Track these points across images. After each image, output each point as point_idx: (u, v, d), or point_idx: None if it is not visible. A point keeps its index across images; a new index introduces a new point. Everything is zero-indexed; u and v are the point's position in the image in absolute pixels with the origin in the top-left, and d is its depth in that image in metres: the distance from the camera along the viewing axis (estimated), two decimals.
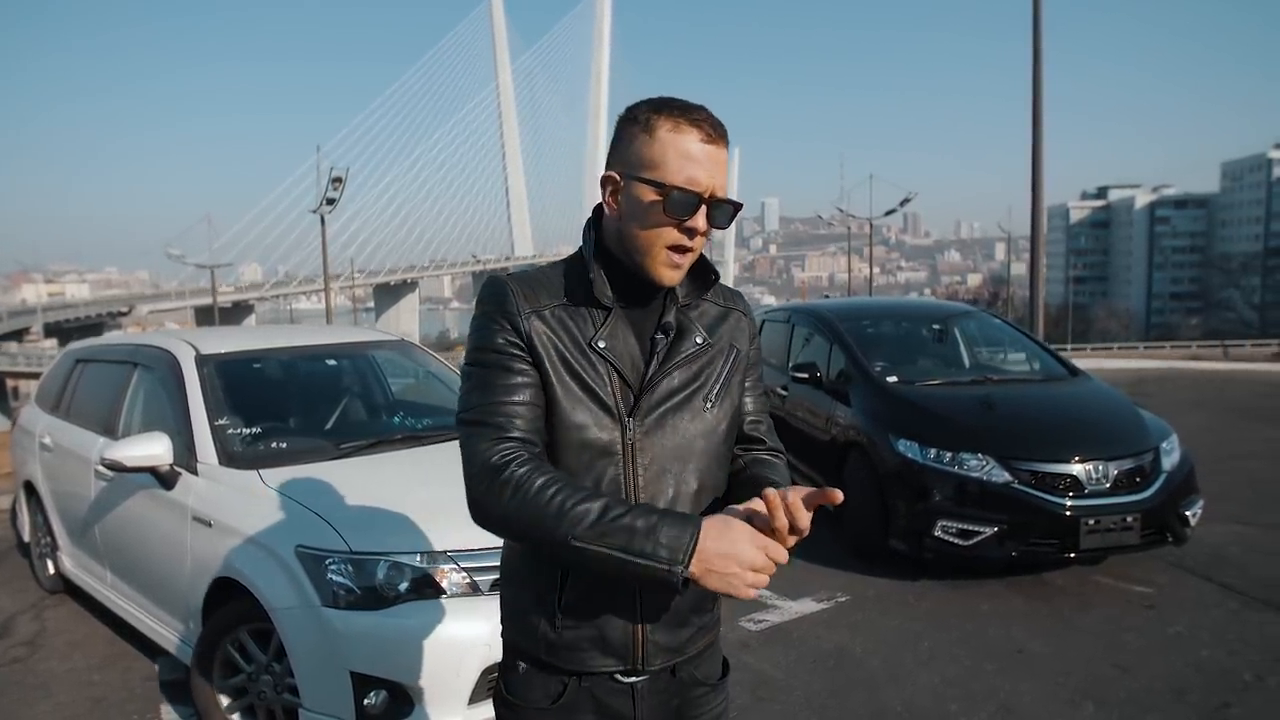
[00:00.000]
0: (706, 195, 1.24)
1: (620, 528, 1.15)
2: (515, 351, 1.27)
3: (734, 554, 1.15)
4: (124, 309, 75.80)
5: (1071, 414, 5.04)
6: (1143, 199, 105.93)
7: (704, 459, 1.34)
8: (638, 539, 1.14)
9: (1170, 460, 4.64)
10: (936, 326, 6.31)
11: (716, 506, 1.32)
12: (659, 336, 1.32)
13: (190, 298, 73.52)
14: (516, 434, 1.24)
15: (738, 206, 1.28)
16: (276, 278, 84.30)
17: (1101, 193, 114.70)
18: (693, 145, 1.23)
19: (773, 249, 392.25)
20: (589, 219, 1.38)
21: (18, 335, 68.88)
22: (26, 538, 5.05)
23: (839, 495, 1.16)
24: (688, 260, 1.29)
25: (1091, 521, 4.28)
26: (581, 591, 1.31)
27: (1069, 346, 43.96)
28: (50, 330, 66.63)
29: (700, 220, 1.24)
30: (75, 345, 5.26)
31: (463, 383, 1.32)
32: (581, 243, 1.36)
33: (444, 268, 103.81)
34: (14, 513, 5.41)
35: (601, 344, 1.29)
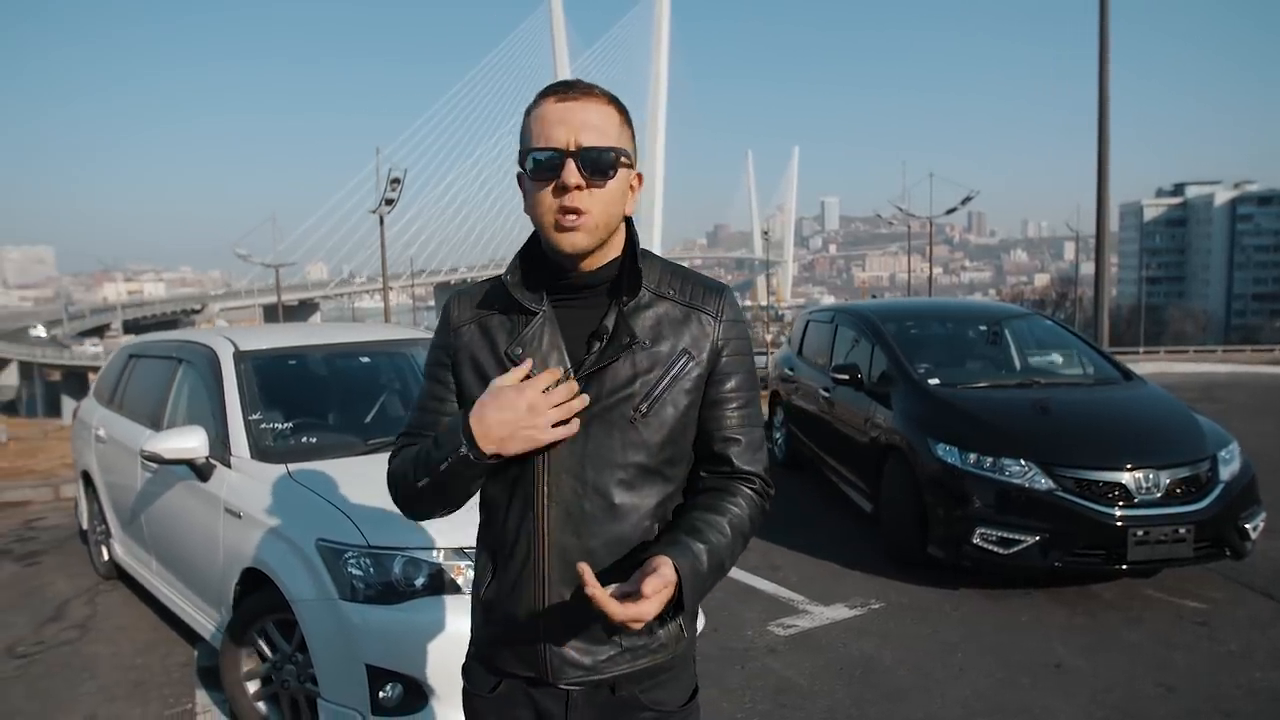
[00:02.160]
0: (567, 148, 1.19)
1: (425, 453, 1.27)
2: (439, 368, 1.36)
3: (512, 413, 1.20)
4: (197, 307, 78.81)
5: (1122, 419, 4.83)
6: (1223, 195, 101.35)
7: (629, 473, 1.26)
8: (434, 451, 1.26)
9: (1229, 469, 4.41)
10: (986, 328, 6.13)
11: (645, 527, 1.27)
12: (593, 341, 1.26)
13: (259, 296, 75.97)
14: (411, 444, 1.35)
15: (614, 151, 1.21)
16: (341, 276, 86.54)
17: (1178, 190, 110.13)
18: (545, 109, 1.22)
19: (832, 248, 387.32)
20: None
21: (99, 331, 72.25)
22: (85, 525, 5.27)
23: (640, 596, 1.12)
24: (583, 221, 1.21)
25: (1141, 532, 4.10)
26: (494, 592, 1.31)
27: (1140, 349, 42.34)
28: (129, 327, 69.64)
29: (570, 174, 1.19)
30: (130, 341, 5.46)
31: None
32: None
33: (503, 266, 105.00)
34: (77, 501, 5.66)
35: (518, 350, 1.27)
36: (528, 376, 1.24)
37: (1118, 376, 5.44)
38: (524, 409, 1.20)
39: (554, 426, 1.22)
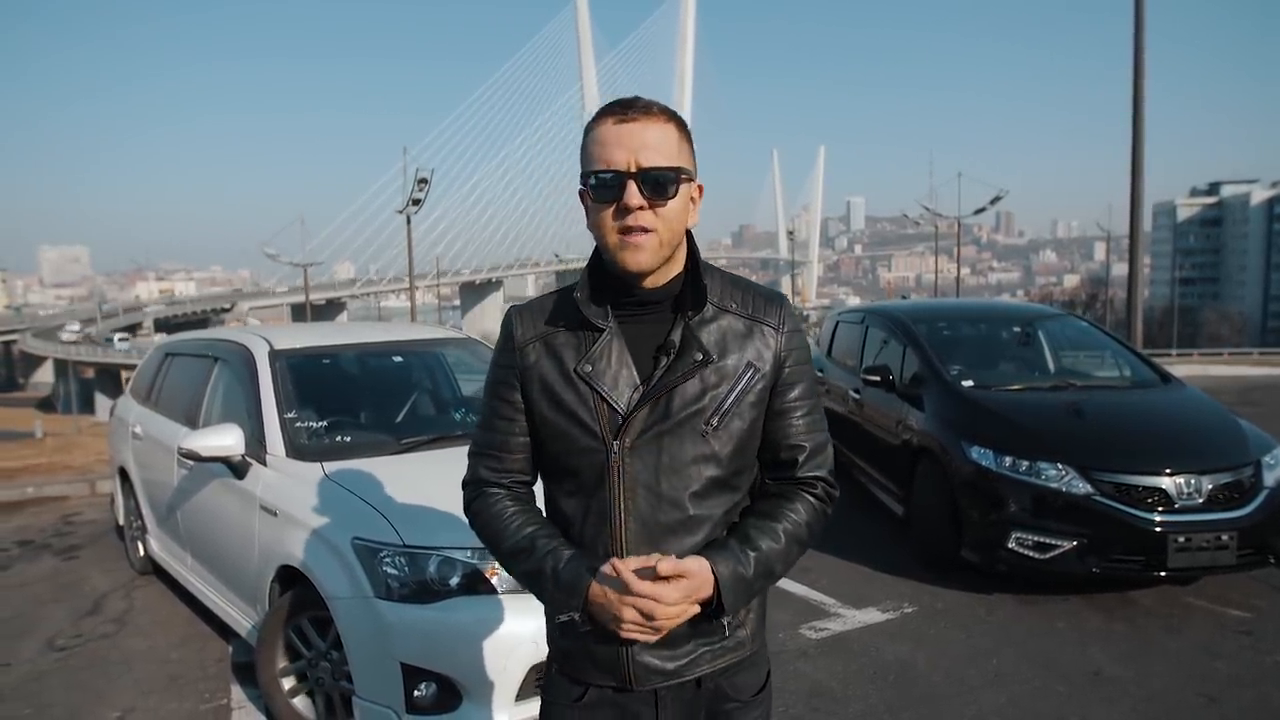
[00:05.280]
0: (628, 170, 1.21)
1: (535, 571, 1.29)
2: (506, 387, 1.36)
3: (606, 606, 1.23)
4: (227, 306, 79.98)
5: (1161, 423, 4.74)
6: (1260, 194, 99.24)
7: (701, 485, 1.28)
8: (546, 584, 1.28)
9: (1273, 475, 4.31)
10: (1019, 329, 6.04)
11: (718, 536, 1.30)
12: (660, 356, 1.28)
13: (288, 295, 76.92)
14: (491, 473, 1.38)
15: (675, 171, 1.23)
16: (368, 276, 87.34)
17: (1213, 189, 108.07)
18: (604, 131, 1.24)
19: (858, 249, 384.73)
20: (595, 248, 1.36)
21: (132, 330, 73.51)
22: (121, 521, 5.35)
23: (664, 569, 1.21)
24: (646, 240, 1.23)
25: (1181, 539, 4.01)
26: None
27: (1173, 351, 41.57)
28: (160, 325, 70.85)
29: (631, 196, 1.21)
30: (166, 339, 5.54)
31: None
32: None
33: (528, 267, 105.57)
34: (113, 497, 5.75)
35: (587, 368, 1.28)
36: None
37: (1156, 379, 5.34)
38: (614, 615, 1.23)
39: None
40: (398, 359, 4.50)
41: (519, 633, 2.68)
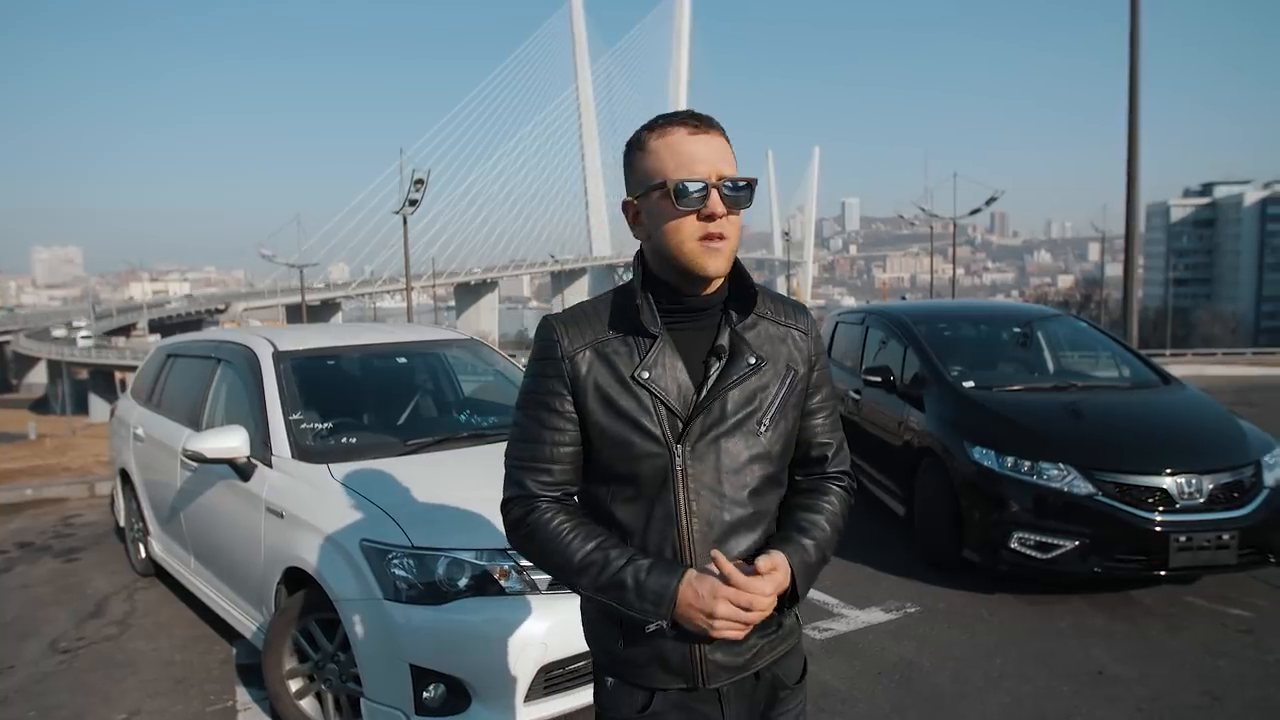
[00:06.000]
0: (712, 179, 1.26)
1: (614, 583, 1.28)
2: (555, 397, 1.34)
3: (699, 606, 1.24)
4: (221, 306, 79.78)
5: (1162, 423, 4.76)
6: (1253, 195, 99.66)
7: (758, 482, 1.35)
8: (629, 595, 1.27)
9: (1274, 475, 4.33)
10: (1019, 330, 6.06)
11: (771, 530, 1.38)
12: (711, 360, 1.33)
13: (282, 296, 76.74)
14: (540, 485, 1.35)
15: (751, 182, 1.29)
16: (363, 277, 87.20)
17: (1206, 189, 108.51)
18: (681, 140, 1.28)
19: (853, 249, 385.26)
20: (636, 253, 1.40)
21: (126, 330, 73.27)
22: (122, 523, 5.34)
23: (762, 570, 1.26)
24: (725, 246, 1.28)
25: (1183, 538, 4.04)
26: None
27: (1167, 352, 41.75)
28: (154, 326, 70.61)
29: (716, 204, 1.26)
30: (167, 340, 5.53)
31: (511, 427, 1.41)
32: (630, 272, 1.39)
33: (523, 267, 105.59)
34: (113, 499, 5.73)
35: (645, 374, 1.31)
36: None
37: (1156, 380, 5.36)
38: (707, 611, 1.25)
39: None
40: (401, 360, 4.50)
41: (528, 634, 2.69)
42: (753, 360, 1.33)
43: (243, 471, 3.49)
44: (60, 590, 4.90)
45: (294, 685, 3.12)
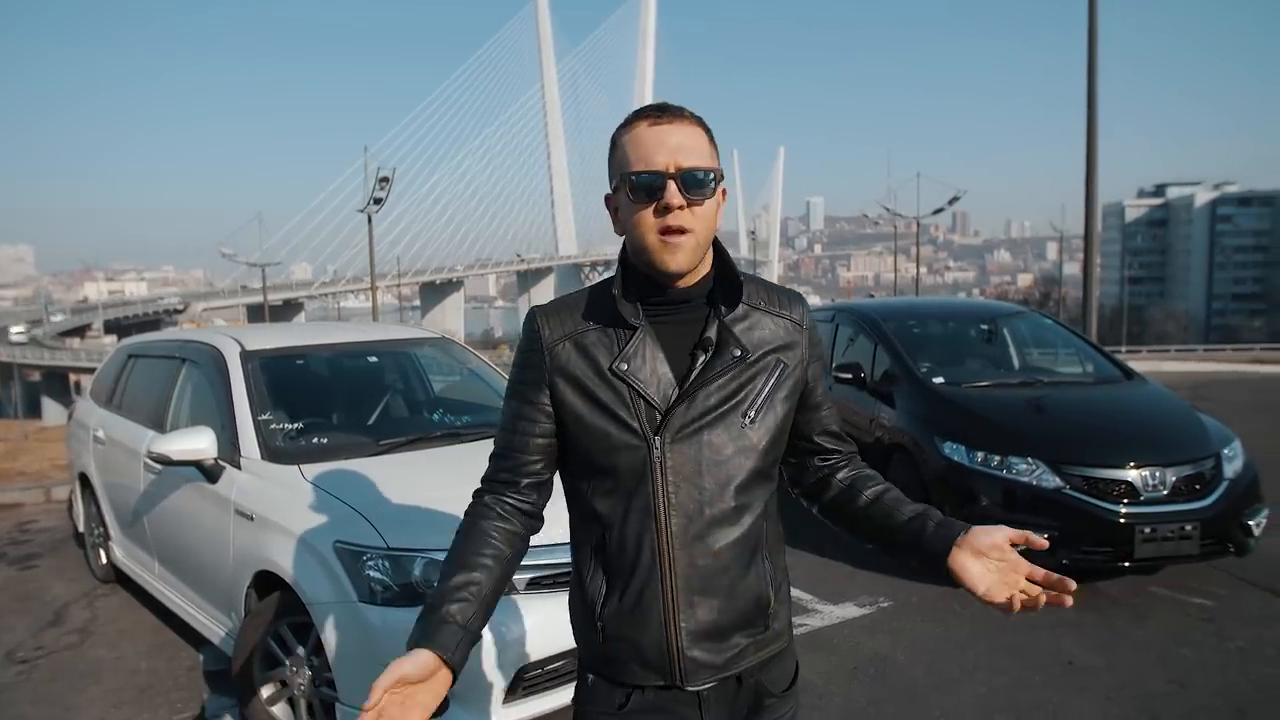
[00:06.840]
0: (670, 170, 1.23)
1: (425, 609, 1.27)
2: (532, 388, 1.35)
3: (390, 673, 1.17)
4: (180, 306, 78.13)
5: (1126, 418, 4.86)
6: (1203, 196, 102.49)
7: (744, 476, 1.31)
8: (414, 626, 1.26)
9: (1233, 467, 4.45)
10: (985, 327, 6.15)
11: (758, 526, 1.33)
12: (698, 353, 1.30)
13: (243, 295, 75.39)
14: (507, 474, 1.37)
15: (712, 171, 1.26)
16: (325, 276, 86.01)
17: (1159, 190, 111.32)
18: (640, 133, 1.26)
19: (818, 248, 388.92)
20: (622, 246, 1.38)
21: (80, 331, 71.48)
22: (81, 528, 5.19)
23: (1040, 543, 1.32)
24: (685, 240, 1.24)
25: (1147, 530, 4.13)
26: (617, 605, 1.32)
27: (1124, 349, 42.72)
28: (110, 327, 68.91)
29: (673, 195, 1.23)
30: (128, 341, 5.39)
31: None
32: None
33: (489, 267, 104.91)
34: (70, 503, 5.58)
35: (623, 366, 1.28)
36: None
37: (1118, 375, 5.47)
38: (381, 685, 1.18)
39: None
40: (372, 359, 4.43)
41: (505, 635, 2.65)
42: (738, 352, 1.30)
43: (210, 473, 3.41)
44: (16, 598, 4.76)
45: (265, 691, 3.05)
